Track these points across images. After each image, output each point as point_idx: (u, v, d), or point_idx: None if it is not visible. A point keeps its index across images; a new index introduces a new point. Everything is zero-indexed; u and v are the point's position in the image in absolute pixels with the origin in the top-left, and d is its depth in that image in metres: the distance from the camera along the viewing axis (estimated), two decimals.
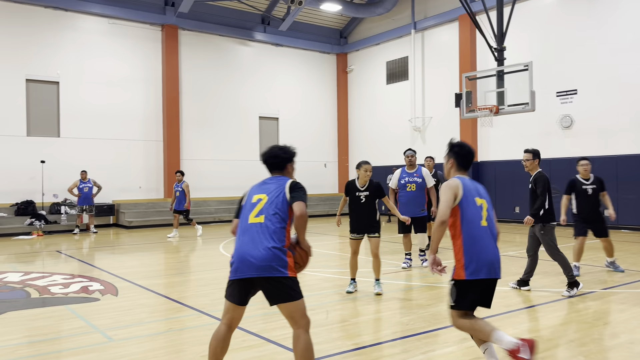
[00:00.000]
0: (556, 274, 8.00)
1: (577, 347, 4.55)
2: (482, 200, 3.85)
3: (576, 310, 5.85)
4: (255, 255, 3.44)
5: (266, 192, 3.66)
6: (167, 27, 18.88)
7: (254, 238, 3.50)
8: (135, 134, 18.49)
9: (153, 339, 5.09)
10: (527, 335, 4.87)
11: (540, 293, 6.71)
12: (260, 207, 3.59)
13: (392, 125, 21.41)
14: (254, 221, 3.56)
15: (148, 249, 12.14)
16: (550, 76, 15.86)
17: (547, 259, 9.39)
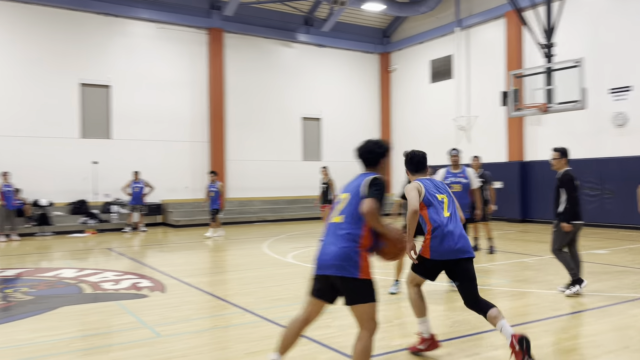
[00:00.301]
0: (610, 279, 7.69)
1: (629, 354, 4.37)
2: (443, 195, 4.53)
3: (631, 315, 5.61)
4: (328, 254, 3.50)
5: (349, 191, 3.67)
6: (212, 30, 19.27)
7: (331, 237, 3.56)
8: (182, 135, 18.96)
9: (199, 335, 5.21)
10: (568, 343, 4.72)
11: (592, 297, 6.47)
12: (341, 207, 3.63)
13: (435, 125, 21.11)
14: (333, 220, 3.63)
15: (194, 248, 12.42)
16: (602, 72, 15.25)
17: (594, 262, 9.04)
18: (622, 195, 14.83)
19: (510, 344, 3.97)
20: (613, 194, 15.09)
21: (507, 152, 18.08)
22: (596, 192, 15.49)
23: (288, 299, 6.70)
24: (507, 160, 18.00)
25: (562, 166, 6.76)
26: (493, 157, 18.17)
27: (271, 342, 4.82)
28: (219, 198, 14.45)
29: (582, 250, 10.59)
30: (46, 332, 5.30)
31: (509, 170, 17.57)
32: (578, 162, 16.00)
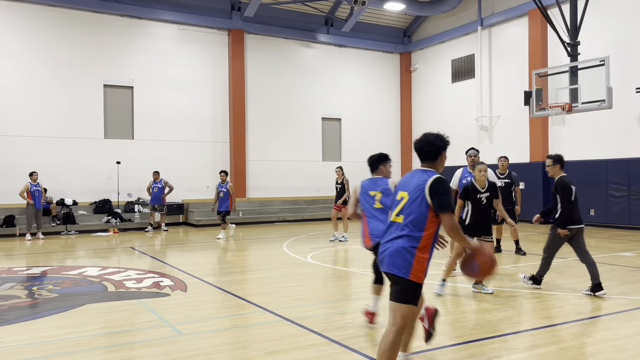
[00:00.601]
0: (635, 282, 7.54)
1: None
2: (376, 192, 5.46)
3: None
4: (386, 252, 3.60)
5: (408, 190, 3.63)
6: (233, 31, 19.41)
7: (391, 235, 3.62)
8: (204, 135, 19.14)
9: (219, 334, 5.25)
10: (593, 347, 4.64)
11: (618, 300, 6.34)
12: (401, 206, 3.63)
13: (457, 125, 20.91)
14: (394, 219, 3.66)
15: (215, 247, 12.52)
16: (628, 71, 14.93)
17: (619, 264, 8.86)
18: None
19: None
20: (639, 196, 14.75)
21: (530, 153, 17.83)
22: (623, 194, 15.18)
23: (308, 299, 6.71)
24: (529, 161, 17.75)
25: (557, 172, 6.93)
26: (515, 157, 17.91)
27: (291, 342, 4.84)
28: (229, 199, 14.03)
29: (608, 252, 10.41)
30: (71, 329, 5.40)
31: (531, 170, 17.31)
32: (604, 163, 15.73)
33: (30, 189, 14.48)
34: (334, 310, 6.18)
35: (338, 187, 13.25)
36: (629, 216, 15.02)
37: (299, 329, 5.27)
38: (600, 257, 9.75)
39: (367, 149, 22.89)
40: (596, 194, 15.76)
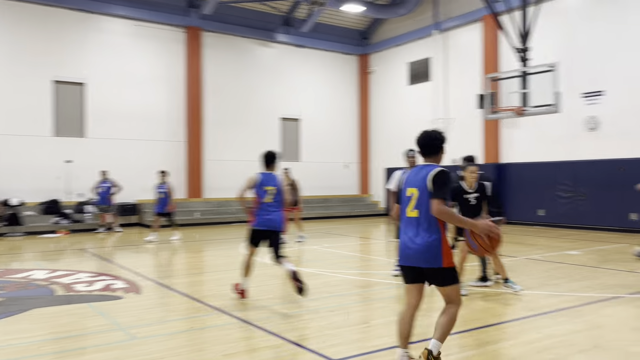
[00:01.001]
0: (582, 279, 7.86)
1: (600, 353, 4.46)
2: (271, 187, 6.63)
3: (602, 314, 5.73)
4: (413, 248, 3.85)
5: (416, 186, 3.91)
6: (190, 28, 19.10)
7: (412, 231, 3.88)
8: (159, 134, 18.74)
9: (175, 337, 5.15)
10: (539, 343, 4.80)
11: (566, 297, 6.59)
12: (414, 202, 3.90)
13: (414, 127, 21.13)
14: (411, 215, 3.92)
15: (170, 248, 12.28)
16: (575, 77, 15.57)
17: (567, 262, 9.22)
18: (594, 198, 15.18)
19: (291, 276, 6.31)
20: (585, 196, 15.41)
21: (484, 154, 18.33)
22: (569, 194, 15.81)
23: (265, 300, 6.67)
24: (483, 162, 18.25)
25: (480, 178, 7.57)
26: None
27: (248, 343, 4.80)
28: (168, 200, 13.34)
29: (556, 251, 10.81)
30: (17, 335, 5.17)
31: (485, 171, 17.76)
32: (552, 165, 16.34)
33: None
34: (291, 311, 6.16)
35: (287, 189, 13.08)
36: (575, 216, 15.66)
37: (256, 331, 5.23)
38: (548, 256, 10.12)
39: (327, 149, 23.15)
40: (545, 195, 16.35)
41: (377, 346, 4.70)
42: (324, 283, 7.85)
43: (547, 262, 9.42)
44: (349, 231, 16.15)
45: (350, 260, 10.17)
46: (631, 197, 14.39)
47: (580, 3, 15.83)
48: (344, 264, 9.65)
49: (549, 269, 8.72)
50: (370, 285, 7.68)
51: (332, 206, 21.97)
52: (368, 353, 4.52)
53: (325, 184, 22.36)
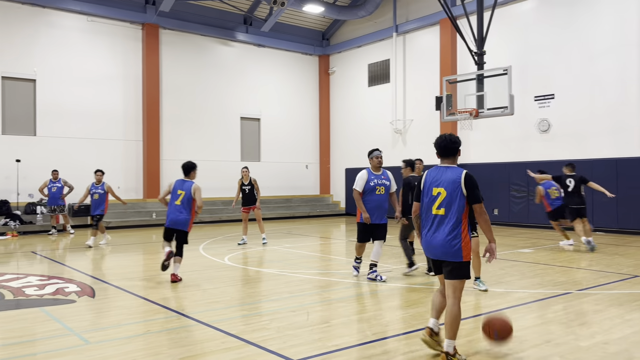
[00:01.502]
0: (533, 276, 8.12)
1: (552, 348, 4.62)
2: (182, 192, 8.17)
3: (552, 310, 5.94)
4: (437, 243, 4.27)
5: (444, 186, 4.33)
6: (147, 25, 18.70)
7: (436, 227, 4.29)
8: (115, 133, 18.27)
9: (131, 341, 5.02)
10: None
11: (518, 294, 6.80)
12: (440, 201, 4.30)
13: (373, 128, 21.51)
14: (436, 212, 4.32)
15: (126, 250, 11.99)
16: (528, 80, 16.10)
17: (519, 260, 9.52)
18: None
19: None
20: (526, 193, 15.91)
21: None
22: (522, 195, 16.32)
23: (225, 302, 6.60)
24: (440, 164, 18.61)
25: (407, 173, 8.50)
26: (427, 160, 18.70)
27: (207, 346, 4.73)
28: (105, 201, 12.34)
29: (510, 249, 11.14)
30: None
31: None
32: (506, 166, 16.82)
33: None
34: (251, 312, 6.12)
35: (247, 188, 12.34)
36: (527, 216, 16.18)
37: (215, 333, 5.17)
38: (503, 254, 10.41)
39: (287, 149, 23.10)
40: (499, 194, 16.83)
41: (337, 345, 4.73)
42: (285, 283, 7.83)
43: (502, 260, 9.69)
44: (309, 231, 16.17)
45: (310, 260, 10.18)
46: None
47: (532, 9, 16.36)
48: (305, 264, 9.65)
49: (504, 266, 8.97)
50: (331, 285, 7.71)
51: (293, 206, 21.95)
52: (329, 352, 4.53)
53: (286, 184, 22.33)
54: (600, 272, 8.37)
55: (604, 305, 6.17)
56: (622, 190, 14.20)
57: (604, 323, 5.39)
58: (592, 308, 6.04)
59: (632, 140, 14.12)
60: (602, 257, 10.00)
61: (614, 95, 14.44)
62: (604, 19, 14.64)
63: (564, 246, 11.65)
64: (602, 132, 14.70)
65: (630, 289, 7.12)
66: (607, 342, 4.77)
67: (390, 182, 7.93)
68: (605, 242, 12.52)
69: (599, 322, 5.42)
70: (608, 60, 14.55)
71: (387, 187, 7.87)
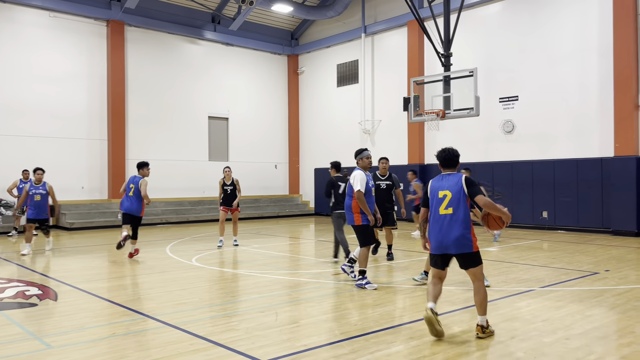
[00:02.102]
0: (498, 274, 8.29)
1: (516, 344, 4.73)
2: (133, 185, 9.92)
3: (517, 307, 6.08)
4: (450, 238, 4.84)
5: (448, 189, 4.93)
6: (112, 22, 18.32)
7: (447, 225, 4.86)
8: (78, 132, 17.83)
9: (95, 344, 4.91)
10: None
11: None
12: (447, 201, 4.89)
13: (342, 128, 21.60)
14: (445, 212, 4.89)
15: (91, 252, 11.72)
16: (493, 82, 16.44)
17: (485, 259, 9.72)
18: (510, 197, 16.07)
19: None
20: (502, 195, 16.29)
21: (408, 155, 18.92)
22: (488, 194, 16.61)
23: (192, 303, 6.51)
24: (407, 163, 18.83)
25: (333, 174, 9.39)
26: (395, 159, 18.94)
27: (174, 348, 4.66)
28: (47, 203, 11.29)
29: None
30: None
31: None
32: (472, 166, 17.13)
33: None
34: (219, 313, 6.07)
35: (229, 188, 12.10)
36: None
37: (183, 334, 5.10)
38: None
39: (256, 149, 22.97)
40: None
41: (306, 345, 4.73)
42: (254, 284, 7.79)
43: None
44: (278, 231, 16.12)
45: (279, 261, 10.16)
46: (543, 196, 15.41)
47: (497, 12, 16.72)
48: (274, 264, 9.62)
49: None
50: (300, 285, 7.71)
51: (261, 206, 21.85)
52: (297, 353, 4.53)
53: (254, 184, 22.20)
54: (562, 270, 8.61)
55: (566, 301, 6.35)
56: (582, 190, 14.66)
57: (566, 319, 5.55)
58: (554, 305, 6.21)
59: (592, 142, 14.58)
60: (564, 255, 10.29)
61: (575, 99, 14.89)
62: (566, 25, 15.08)
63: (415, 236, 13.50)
64: (563, 133, 15.14)
65: (590, 285, 7.35)
66: (569, 337, 4.92)
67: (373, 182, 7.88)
68: (566, 240, 12.89)
69: (561, 319, 5.57)
70: (570, 64, 14.99)
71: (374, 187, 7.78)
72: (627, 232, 13.52)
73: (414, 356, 4.42)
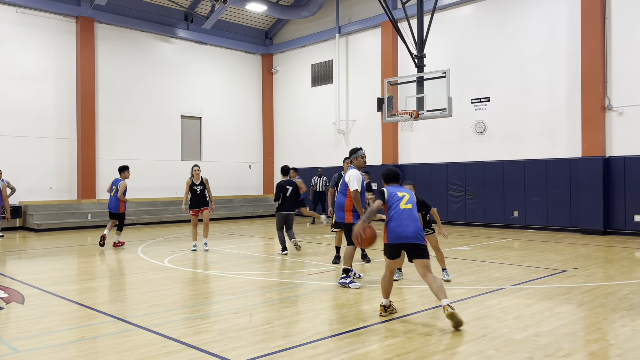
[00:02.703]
0: (470, 273, 8.40)
1: (487, 342, 4.80)
2: (114, 187, 11.75)
3: (488, 305, 6.17)
4: (411, 230, 5.49)
5: (405, 192, 5.72)
6: (82, 19, 17.94)
7: (408, 219, 5.53)
8: (47, 131, 17.42)
9: (63, 348, 4.80)
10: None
11: (456, 290, 7.02)
12: (406, 200, 5.63)
13: (317, 128, 21.61)
14: (405, 207, 5.59)
15: (59, 253, 11.45)
16: (466, 84, 16.68)
17: (457, 257, 9.84)
18: (482, 196, 16.33)
19: None
20: (475, 195, 16.53)
21: (382, 155, 19.04)
22: (460, 194, 16.88)
23: (165, 305, 6.42)
24: (381, 163, 18.96)
25: (281, 178, 10.64)
26: (370, 160, 19.01)
27: (146, 351, 4.59)
28: (1, 205, 10.87)
29: (448, 247, 11.48)
30: None
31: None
32: (444, 166, 17.34)
33: None
34: (192, 315, 6.00)
35: (198, 188, 11.29)
36: (465, 214, 16.76)
37: (155, 337, 5.02)
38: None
39: (230, 148, 22.81)
40: (438, 194, 17.33)
41: (280, 346, 4.71)
42: (227, 285, 7.73)
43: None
44: (253, 232, 16.04)
45: (253, 261, 10.10)
46: (513, 196, 15.69)
47: (470, 14, 16.96)
48: (248, 265, 9.56)
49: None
50: (274, 286, 7.68)
51: (235, 207, 21.71)
52: (272, 353, 4.51)
53: (228, 184, 22.05)
54: (532, 268, 8.78)
55: (536, 299, 6.47)
56: (551, 189, 14.98)
57: (536, 316, 5.65)
58: (524, 302, 6.32)
59: (561, 142, 14.91)
60: (534, 254, 10.50)
61: (544, 100, 15.20)
62: (535, 28, 15.39)
63: None
64: (533, 134, 15.45)
65: (559, 283, 7.51)
66: (538, 334, 5.01)
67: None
68: (536, 239, 13.15)
69: (531, 316, 5.68)
70: (539, 66, 15.30)
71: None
72: (594, 231, 13.87)
73: (389, 355, 4.44)
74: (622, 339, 4.85)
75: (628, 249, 11.13)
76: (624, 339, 4.86)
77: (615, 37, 13.87)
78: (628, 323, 5.37)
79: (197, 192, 11.29)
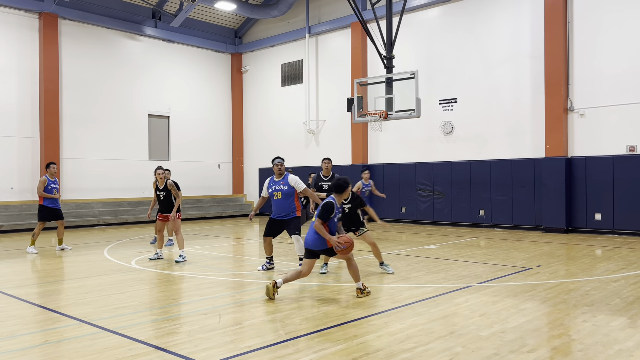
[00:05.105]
0: (438, 271, 8.53)
1: (455, 339, 4.88)
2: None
3: (455, 303, 6.28)
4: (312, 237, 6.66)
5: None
6: (45, 15, 17.47)
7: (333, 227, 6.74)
8: (8, 129, 16.90)
9: (26, 353, 4.66)
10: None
11: (424, 289, 7.12)
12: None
13: (287, 128, 21.58)
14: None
15: (21, 255, 11.12)
16: (434, 85, 16.92)
17: (425, 256, 9.98)
18: (449, 196, 16.59)
19: None
20: (443, 195, 16.79)
21: (351, 155, 19.14)
22: (428, 193, 17.11)
23: (132, 307, 6.31)
24: (351, 163, 19.06)
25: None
26: (339, 159, 19.13)
27: (113, 354, 4.50)
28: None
29: (417, 246, 11.63)
30: None
31: (353, 172, 18.59)
32: (413, 166, 17.56)
33: None
34: (160, 317, 5.91)
35: (161, 194, 10.09)
36: (433, 213, 16.99)
37: (122, 339, 4.93)
38: (410, 250, 10.85)
39: (199, 148, 22.58)
40: (407, 193, 17.53)
41: (250, 347, 4.69)
42: (196, 286, 7.65)
43: (409, 256, 10.10)
44: (222, 232, 15.90)
45: (223, 262, 10.02)
46: (479, 195, 15.99)
47: (437, 16, 17.20)
48: (217, 265, 9.48)
49: (411, 262, 9.36)
50: (244, 286, 7.64)
51: (204, 207, 21.49)
52: (241, 354, 4.48)
53: (197, 183, 21.81)
54: (498, 266, 8.97)
55: (501, 296, 6.62)
56: (516, 189, 15.33)
57: (501, 313, 5.78)
58: (490, 299, 6.45)
59: (525, 143, 15.28)
60: (500, 252, 10.72)
61: (509, 101, 15.55)
62: (501, 31, 15.72)
63: None
64: (499, 135, 15.78)
65: (524, 280, 7.70)
66: (504, 331, 5.12)
67: (289, 186, 8.50)
68: (501, 237, 13.44)
69: (497, 313, 5.80)
70: (504, 68, 15.64)
71: (285, 192, 8.49)
72: (557, 229, 14.26)
73: (358, 354, 4.47)
74: (583, 334, 5.00)
75: (589, 247, 11.49)
76: (585, 334, 5.01)
77: (577, 41, 14.29)
78: (589, 319, 5.54)
79: (160, 197, 10.12)
